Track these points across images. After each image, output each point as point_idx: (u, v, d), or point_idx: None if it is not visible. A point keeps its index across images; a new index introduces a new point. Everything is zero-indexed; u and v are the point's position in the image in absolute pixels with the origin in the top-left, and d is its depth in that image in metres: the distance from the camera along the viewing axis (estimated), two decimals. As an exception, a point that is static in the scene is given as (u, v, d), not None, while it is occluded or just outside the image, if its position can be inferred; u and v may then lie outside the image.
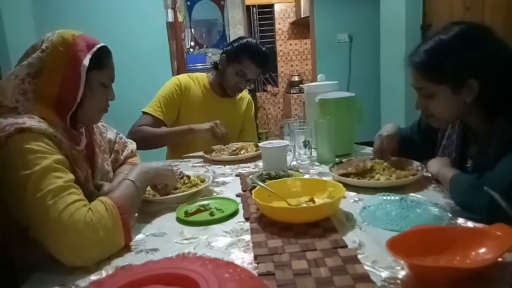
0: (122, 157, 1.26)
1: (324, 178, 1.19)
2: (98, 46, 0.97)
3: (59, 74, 0.92)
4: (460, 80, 0.97)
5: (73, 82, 0.92)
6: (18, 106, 0.88)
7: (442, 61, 0.98)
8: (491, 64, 0.96)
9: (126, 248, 0.84)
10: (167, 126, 1.76)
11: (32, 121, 0.84)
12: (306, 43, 6.20)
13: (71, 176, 0.84)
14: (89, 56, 0.93)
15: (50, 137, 0.85)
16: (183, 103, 1.77)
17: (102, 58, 0.98)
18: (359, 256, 0.72)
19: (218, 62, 1.84)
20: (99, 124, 1.18)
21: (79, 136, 0.98)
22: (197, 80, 1.84)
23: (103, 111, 1.05)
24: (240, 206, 1.03)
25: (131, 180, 0.94)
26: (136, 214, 1.03)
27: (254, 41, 1.81)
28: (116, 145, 1.24)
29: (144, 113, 1.72)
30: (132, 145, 1.33)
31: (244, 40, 1.78)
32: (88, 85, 0.95)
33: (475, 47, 0.96)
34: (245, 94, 1.99)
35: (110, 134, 1.23)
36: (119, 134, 1.28)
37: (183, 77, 1.82)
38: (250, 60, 1.73)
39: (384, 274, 0.66)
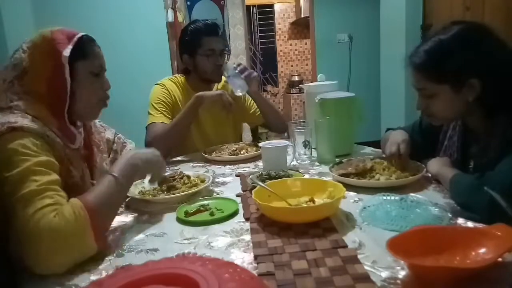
0: None
1: (324, 178, 1.19)
2: (78, 36, 0.96)
3: (44, 71, 0.91)
4: (461, 80, 0.97)
5: (59, 76, 0.91)
6: (13, 106, 0.88)
7: (442, 61, 0.98)
8: (491, 63, 0.96)
9: (101, 253, 0.80)
10: None
11: (24, 120, 0.84)
12: (306, 43, 6.21)
13: (52, 178, 0.82)
14: (70, 46, 0.93)
15: (43, 136, 0.85)
16: (174, 104, 1.73)
17: (86, 47, 0.97)
18: (359, 256, 0.72)
19: (184, 65, 1.82)
20: (97, 124, 1.18)
21: (74, 134, 0.98)
22: (178, 81, 1.81)
23: (100, 102, 1.02)
24: (240, 206, 1.03)
25: (114, 176, 0.88)
26: (136, 214, 1.03)
27: (196, 21, 1.79)
28: (115, 144, 1.24)
29: (148, 126, 1.67)
30: (131, 145, 1.33)
31: (189, 27, 1.76)
32: (76, 76, 0.94)
33: (475, 47, 0.96)
34: (227, 84, 1.90)
35: (108, 134, 1.24)
36: (117, 134, 1.28)
37: (165, 81, 1.79)
38: (206, 36, 1.72)
39: (384, 274, 0.66)
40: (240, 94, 1.67)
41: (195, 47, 1.72)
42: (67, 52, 0.92)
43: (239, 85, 1.65)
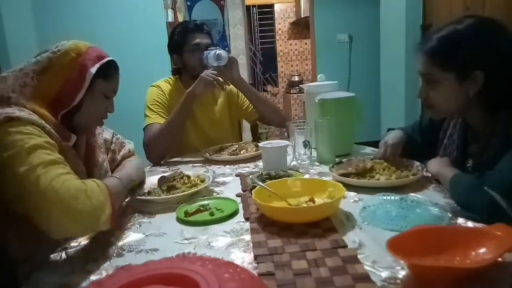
0: (119, 157, 1.26)
1: (324, 178, 1.19)
2: (108, 58, 1.02)
3: (63, 76, 0.95)
4: (466, 70, 0.97)
5: (75, 85, 0.96)
6: (12, 97, 0.89)
7: (453, 48, 0.98)
8: (499, 58, 0.96)
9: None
10: None
11: (22, 113, 0.86)
12: (306, 43, 6.20)
13: (61, 156, 0.86)
14: (97, 65, 0.98)
15: (40, 127, 0.87)
16: (169, 105, 1.73)
17: (110, 70, 1.03)
18: (359, 256, 0.72)
19: (175, 67, 1.83)
20: None
21: (69, 133, 0.99)
22: (172, 82, 1.82)
23: (100, 120, 1.08)
24: (240, 206, 1.03)
25: (117, 178, 0.99)
26: (136, 214, 1.03)
27: (183, 23, 1.83)
28: (113, 145, 1.25)
29: (146, 127, 1.67)
30: (129, 145, 1.33)
31: (177, 29, 1.79)
32: (91, 91, 0.99)
33: (487, 40, 0.97)
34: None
35: (106, 134, 1.24)
36: (116, 134, 1.29)
37: (161, 83, 1.80)
38: (191, 32, 1.74)
39: (384, 274, 0.66)
40: (223, 63, 1.64)
41: (181, 44, 1.74)
42: (94, 69, 0.97)
43: (217, 55, 1.62)
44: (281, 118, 1.86)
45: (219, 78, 1.59)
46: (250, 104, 1.84)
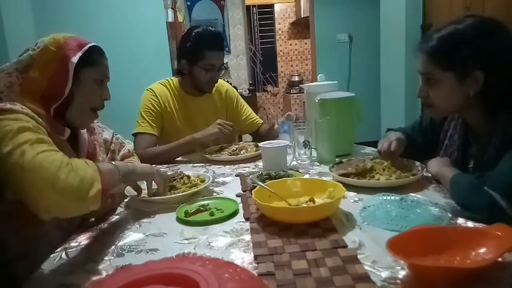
0: (118, 157, 1.26)
1: (324, 178, 1.19)
2: (89, 45, 1.00)
3: (48, 71, 0.94)
4: (466, 70, 0.97)
5: (61, 78, 0.95)
6: (2, 97, 0.89)
7: (453, 48, 0.99)
8: (499, 58, 0.96)
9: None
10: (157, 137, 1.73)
11: (14, 106, 0.86)
12: (306, 43, 6.20)
13: (49, 139, 0.85)
14: (79, 54, 0.96)
15: (33, 118, 0.86)
16: (163, 110, 1.74)
17: (94, 56, 1.01)
18: (359, 256, 0.72)
19: (180, 68, 1.79)
20: (95, 124, 1.18)
21: (63, 128, 0.99)
22: (169, 85, 1.80)
23: (95, 110, 1.05)
24: (240, 206, 1.03)
25: (114, 165, 0.95)
26: (136, 214, 1.03)
27: (201, 28, 1.73)
28: (113, 145, 1.25)
29: (137, 134, 1.67)
30: (129, 145, 1.33)
31: (193, 34, 1.71)
32: (79, 82, 0.98)
33: (487, 40, 0.97)
34: (220, 86, 1.90)
35: (106, 134, 1.24)
36: (116, 134, 1.29)
37: (156, 86, 1.78)
38: (211, 50, 1.68)
39: (384, 274, 0.66)
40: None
41: (196, 57, 1.69)
42: (75, 58, 0.95)
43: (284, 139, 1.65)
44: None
45: (231, 133, 1.61)
46: (249, 117, 1.90)
